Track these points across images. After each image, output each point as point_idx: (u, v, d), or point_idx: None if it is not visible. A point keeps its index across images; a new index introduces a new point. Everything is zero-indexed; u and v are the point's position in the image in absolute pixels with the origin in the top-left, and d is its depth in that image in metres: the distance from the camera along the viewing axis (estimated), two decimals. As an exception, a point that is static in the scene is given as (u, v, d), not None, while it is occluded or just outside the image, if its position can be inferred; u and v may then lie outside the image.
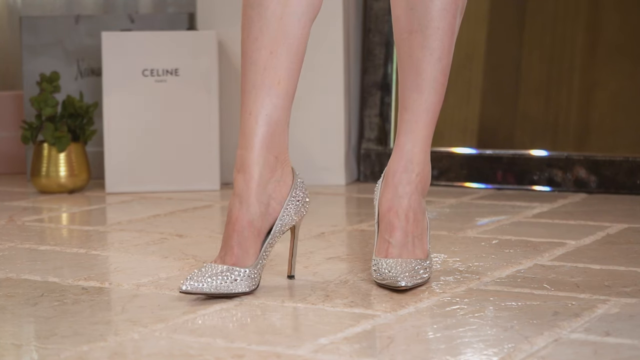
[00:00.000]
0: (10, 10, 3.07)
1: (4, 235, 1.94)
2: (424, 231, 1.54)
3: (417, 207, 1.52)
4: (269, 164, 1.47)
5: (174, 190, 2.50)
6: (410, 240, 1.51)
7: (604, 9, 2.45)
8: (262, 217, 1.46)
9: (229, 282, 1.42)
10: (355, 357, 1.16)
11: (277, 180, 1.48)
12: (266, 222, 1.46)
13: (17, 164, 2.88)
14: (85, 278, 1.58)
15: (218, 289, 1.41)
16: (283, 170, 1.48)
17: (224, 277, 1.42)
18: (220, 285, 1.41)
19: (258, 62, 1.46)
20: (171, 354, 1.18)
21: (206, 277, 1.41)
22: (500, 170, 2.47)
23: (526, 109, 2.49)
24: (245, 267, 1.43)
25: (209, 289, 1.41)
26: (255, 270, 1.44)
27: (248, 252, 1.44)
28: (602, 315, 1.32)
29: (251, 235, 1.44)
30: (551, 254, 1.70)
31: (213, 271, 1.42)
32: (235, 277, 1.42)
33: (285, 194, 1.48)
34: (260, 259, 1.45)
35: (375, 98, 2.63)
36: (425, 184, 1.55)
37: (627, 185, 2.36)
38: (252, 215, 1.45)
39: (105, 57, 2.48)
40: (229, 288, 1.41)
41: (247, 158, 1.46)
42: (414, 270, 1.48)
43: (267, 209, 1.46)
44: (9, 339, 1.26)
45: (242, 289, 1.42)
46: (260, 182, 1.46)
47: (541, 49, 2.48)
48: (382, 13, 2.63)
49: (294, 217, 1.49)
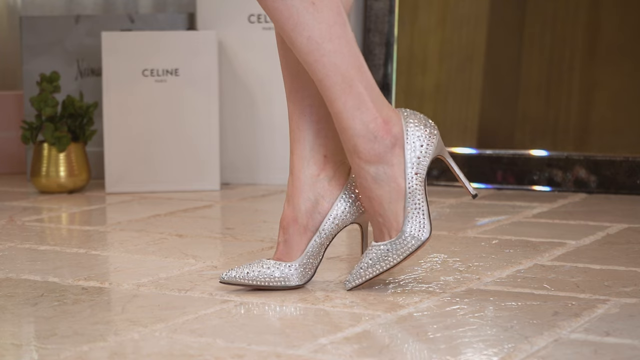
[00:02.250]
0: (10, 10, 3.07)
1: (4, 235, 1.94)
2: (381, 203, 1.43)
3: (367, 184, 1.43)
4: (316, 162, 1.47)
5: (174, 190, 2.50)
6: (380, 220, 1.44)
7: (604, 9, 2.45)
8: (308, 214, 1.47)
9: (264, 276, 1.46)
10: (355, 357, 1.16)
11: (328, 179, 1.47)
12: (313, 220, 1.47)
13: (17, 164, 2.88)
14: (85, 278, 1.58)
15: (255, 281, 1.46)
16: (336, 169, 1.48)
17: (262, 273, 1.46)
18: (257, 277, 1.46)
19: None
20: (171, 354, 1.18)
21: (246, 270, 1.46)
22: (500, 170, 2.47)
23: (526, 109, 2.49)
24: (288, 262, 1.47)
25: (248, 281, 1.46)
26: (298, 266, 1.46)
27: (292, 249, 1.47)
28: (602, 315, 1.32)
29: (296, 232, 1.47)
30: (551, 254, 1.70)
31: (257, 265, 1.47)
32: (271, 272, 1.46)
33: (337, 193, 1.47)
34: (306, 256, 1.46)
35: (375, 98, 2.63)
36: (367, 153, 1.42)
37: (627, 185, 2.36)
38: (296, 212, 1.47)
39: (105, 57, 2.49)
40: (266, 281, 1.46)
41: (292, 159, 1.48)
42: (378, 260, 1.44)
43: (316, 206, 1.47)
44: (9, 339, 1.26)
45: (275, 283, 1.46)
46: (305, 181, 1.47)
47: (541, 49, 2.48)
48: (382, 13, 2.63)
49: (347, 216, 1.48)
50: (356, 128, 1.42)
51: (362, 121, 1.42)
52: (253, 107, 2.59)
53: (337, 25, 1.40)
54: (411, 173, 1.43)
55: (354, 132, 1.42)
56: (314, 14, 1.39)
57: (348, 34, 1.41)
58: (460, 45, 2.57)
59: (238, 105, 2.59)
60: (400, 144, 1.43)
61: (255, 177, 2.60)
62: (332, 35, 1.40)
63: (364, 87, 1.42)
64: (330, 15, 1.40)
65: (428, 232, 1.43)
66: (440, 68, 2.60)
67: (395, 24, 2.63)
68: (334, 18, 1.40)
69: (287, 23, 1.40)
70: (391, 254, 1.43)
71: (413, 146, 1.43)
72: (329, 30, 1.40)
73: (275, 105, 2.58)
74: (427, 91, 2.60)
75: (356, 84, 1.41)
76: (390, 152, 1.43)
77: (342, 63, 1.40)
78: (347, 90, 1.41)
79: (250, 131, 2.59)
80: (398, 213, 1.43)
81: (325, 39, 1.40)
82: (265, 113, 2.58)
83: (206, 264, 1.66)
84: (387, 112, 1.43)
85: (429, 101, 2.60)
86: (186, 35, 2.53)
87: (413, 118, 1.45)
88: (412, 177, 1.43)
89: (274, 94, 2.57)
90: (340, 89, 1.41)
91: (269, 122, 2.58)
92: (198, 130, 2.50)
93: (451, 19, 2.59)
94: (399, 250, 1.43)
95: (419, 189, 1.43)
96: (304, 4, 1.39)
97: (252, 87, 2.58)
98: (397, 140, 1.43)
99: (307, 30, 1.40)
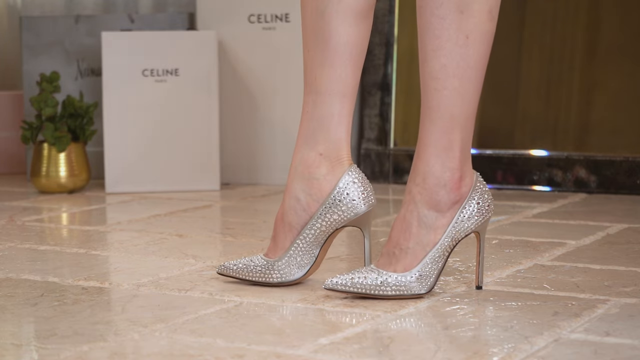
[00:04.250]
0: (10, 10, 3.07)
1: (4, 235, 1.94)
2: (418, 246, 1.41)
3: (411, 219, 1.42)
4: (309, 160, 1.46)
5: (174, 190, 2.50)
6: (397, 251, 1.42)
7: (604, 9, 2.45)
8: (294, 211, 1.46)
9: (249, 269, 1.49)
10: (355, 357, 1.16)
11: (317, 178, 1.46)
12: (298, 218, 1.46)
13: (17, 164, 2.88)
14: (85, 278, 1.58)
15: (239, 274, 1.50)
16: (332, 169, 1.46)
17: (249, 263, 1.49)
18: (242, 269, 1.49)
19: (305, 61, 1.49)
20: (171, 354, 1.18)
21: (239, 262, 1.50)
22: (500, 170, 2.47)
23: (526, 109, 2.49)
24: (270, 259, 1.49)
25: (235, 273, 1.50)
26: (281, 263, 1.47)
27: (277, 245, 1.48)
28: (602, 315, 1.32)
29: (281, 229, 1.48)
30: (551, 254, 1.70)
31: (248, 258, 1.50)
32: (254, 265, 1.49)
33: (326, 193, 1.46)
34: (287, 254, 1.47)
35: (375, 98, 2.63)
36: (430, 194, 1.41)
37: (627, 185, 2.36)
38: (284, 209, 1.48)
39: (105, 57, 2.48)
40: (247, 274, 1.49)
41: (293, 154, 1.49)
42: (374, 286, 1.40)
43: (301, 204, 1.46)
44: (9, 339, 1.26)
45: (254, 278, 1.49)
46: (295, 178, 1.47)
47: (541, 49, 2.48)
48: (382, 13, 2.63)
49: (334, 223, 1.46)
50: (434, 168, 1.41)
51: (443, 165, 1.41)
52: (253, 107, 2.59)
53: (475, 70, 1.40)
54: (451, 233, 1.42)
55: (430, 170, 1.41)
56: (462, 47, 1.38)
57: (480, 82, 1.41)
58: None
59: (238, 105, 2.59)
60: (460, 204, 1.42)
61: (255, 177, 2.60)
62: (466, 76, 1.39)
63: (462, 136, 1.41)
64: (474, 56, 1.39)
65: (425, 290, 1.41)
66: (440, 68, 2.59)
67: (395, 24, 2.63)
68: (477, 61, 1.40)
69: (432, 42, 1.39)
70: (387, 286, 1.40)
71: (467, 212, 1.43)
72: (466, 70, 1.39)
73: (275, 105, 2.58)
74: (427, 91, 2.60)
75: (458, 130, 1.41)
76: (449, 206, 1.42)
77: (458, 105, 1.40)
78: (447, 131, 1.40)
79: (250, 131, 2.59)
80: (418, 257, 1.41)
81: (458, 76, 1.39)
82: (265, 113, 2.58)
83: (206, 264, 1.66)
84: (467, 170, 1.43)
85: (429, 101, 2.60)
86: (186, 35, 2.53)
87: (482, 187, 1.44)
88: (446, 239, 1.42)
89: (274, 94, 2.57)
90: (442, 127, 1.40)
91: (269, 122, 2.58)
92: (198, 130, 2.50)
93: (451, 19, 2.58)
94: (396, 286, 1.40)
95: (446, 250, 1.42)
96: (457, 34, 1.38)
97: (252, 87, 2.58)
98: (461, 199, 1.42)
99: (445, 58, 1.39)
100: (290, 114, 2.56)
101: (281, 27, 2.55)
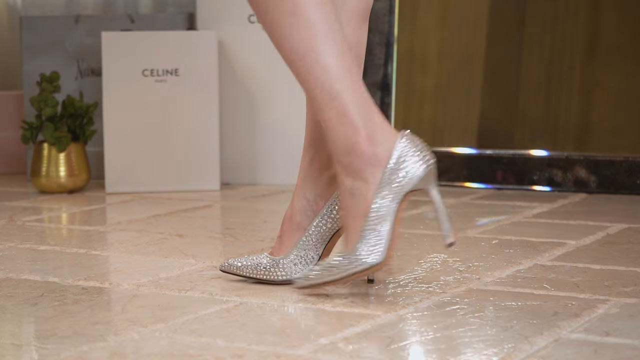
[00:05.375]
0: (10, 10, 3.07)
1: (4, 235, 1.94)
2: (355, 220, 1.37)
3: (344, 196, 1.39)
4: (319, 162, 1.48)
5: (174, 190, 2.50)
6: (345, 231, 1.40)
7: (604, 9, 2.45)
8: (303, 212, 1.48)
9: (253, 267, 1.49)
10: (355, 357, 1.16)
11: (329, 180, 1.48)
12: (307, 218, 1.48)
13: (17, 164, 2.88)
14: (85, 278, 1.58)
15: (242, 272, 1.50)
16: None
17: (253, 261, 1.50)
18: (246, 266, 1.50)
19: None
20: (171, 354, 1.18)
21: (242, 260, 1.51)
22: (500, 170, 2.47)
23: (526, 109, 2.49)
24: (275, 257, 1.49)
25: (240, 271, 1.50)
26: (286, 261, 1.48)
27: (283, 244, 1.49)
28: (602, 315, 1.32)
29: (288, 228, 1.49)
30: (551, 254, 1.70)
31: (252, 256, 1.51)
32: (258, 263, 1.50)
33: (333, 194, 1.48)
34: (293, 252, 1.47)
35: (375, 98, 2.63)
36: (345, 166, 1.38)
37: (627, 185, 2.36)
38: (293, 209, 1.49)
39: (105, 57, 2.48)
40: (251, 272, 1.49)
41: (302, 155, 1.49)
42: (326, 269, 1.40)
43: (311, 205, 1.48)
44: (9, 339, 1.26)
45: (259, 275, 1.49)
46: (305, 179, 1.48)
47: (541, 49, 2.48)
48: (382, 13, 2.63)
49: (336, 221, 1.47)
50: (337, 140, 1.37)
51: (344, 134, 1.37)
52: (253, 107, 2.59)
53: (320, 37, 1.37)
54: (382, 196, 1.37)
55: (335, 143, 1.38)
56: (294, 25, 1.36)
57: (335, 45, 1.37)
58: (460, 45, 2.57)
59: (238, 105, 2.59)
60: (382, 165, 1.37)
61: (255, 177, 2.60)
62: (314, 47, 1.36)
63: (350, 100, 1.37)
64: (312, 26, 1.36)
65: (377, 258, 1.36)
66: (440, 68, 2.60)
67: (395, 24, 2.63)
68: (318, 29, 1.36)
69: (272, 34, 1.39)
70: (336, 268, 1.38)
71: (396, 171, 1.37)
72: (309, 41, 1.36)
73: (275, 105, 2.58)
74: (427, 91, 2.60)
75: (341, 97, 1.37)
76: (368, 170, 1.37)
77: (325, 76, 1.37)
78: (330, 103, 1.37)
79: (250, 131, 2.59)
80: (357, 231, 1.37)
81: (308, 50, 1.37)
82: (265, 113, 2.58)
83: (206, 264, 1.66)
84: (374, 129, 1.37)
85: (429, 101, 2.60)
86: (186, 35, 2.53)
87: (408, 143, 1.38)
88: (382, 201, 1.37)
89: (274, 94, 2.57)
90: (324, 101, 1.37)
91: (269, 122, 2.58)
92: (198, 130, 2.50)
93: (451, 19, 2.59)
94: (343, 267, 1.38)
95: (389, 215, 1.37)
96: (284, 16, 1.37)
97: (252, 87, 2.58)
98: (380, 161, 1.36)
99: (288, 41, 1.37)
100: (290, 114, 2.56)
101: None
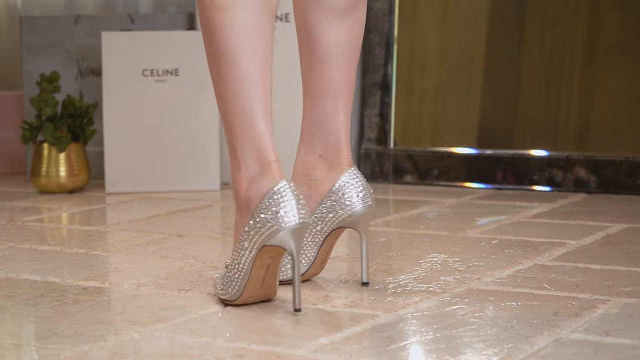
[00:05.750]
0: (10, 10, 3.07)
1: (4, 235, 1.94)
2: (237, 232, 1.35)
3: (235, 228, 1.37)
4: (308, 162, 1.47)
5: (174, 190, 2.50)
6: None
7: (604, 9, 2.45)
8: None
9: None
10: (355, 357, 1.16)
11: (316, 180, 1.46)
12: None
13: (17, 164, 2.88)
14: (85, 278, 1.58)
15: None
16: (330, 170, 1.46)
17: None
18: None
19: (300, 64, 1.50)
20: (171, 354, 1.18)
21: None
22: (500, 170, 2.47)
23: (526, 109, 2.49)
24: None
25: None
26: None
27: None
28: (602, 315, 1.32)
29: None
30: (551, 254, 1.70)
31: None
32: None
33: (324, 194, 1.46)
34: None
35: (375, 98, 2.63)
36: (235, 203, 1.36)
37: (627, 185, 2.36)
38: None
39: (105, 57, 2.48)
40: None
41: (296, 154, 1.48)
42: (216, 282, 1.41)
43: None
44: (9, 339, 1.26)
45: None
46: (295, 179, 1.47)
47: (541, 49, 2.48)
48: (382, 13, 2.63)
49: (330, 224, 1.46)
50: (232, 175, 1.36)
51: (233, 172, 1.35)
52: (253, 107, 2.58)
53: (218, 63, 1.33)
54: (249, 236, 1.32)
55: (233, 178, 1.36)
56: (207, 46, 1.34)
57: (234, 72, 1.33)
58: (460, 45, 2.57)
59: (238, 105, 2.59)
60: (250, 209, 1.32)
61: (255, 177, 2.60)
62: (217, 73, 1.34)
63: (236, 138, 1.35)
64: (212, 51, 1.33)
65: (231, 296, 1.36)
66: (440, 68, 2.60)
67: (395, 24, 2.63)
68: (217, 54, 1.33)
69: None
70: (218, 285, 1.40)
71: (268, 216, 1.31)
72: (212, 66, 1.34)
73: (274, 106, 2.57)
74: (427, 91, 2.60)
75: (230, 133, 1.35)
76: (243, 212, 1.33)
77: (222, 105, 1.35)
78: (230, 141, 1.36)
79: (250, 131, 2.59)
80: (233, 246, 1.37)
81: (214, 77, 1.35)
82: (265, 113, 2.58)
83: (206, 264, 1.66)
84: (254, 174, 1.33)
85: (429, 101, 2.60)
86: (186, 35, 2.53)
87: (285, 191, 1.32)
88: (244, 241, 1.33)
89: (273, 94, 2.57)
90: (227, 138, 1.36)
91: (269, 122, 2.58)
92: (198, 130, 2.50)
93: (451, 19, 2.59)
94: (218, 289, 1.40)
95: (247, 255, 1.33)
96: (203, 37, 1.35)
97: (252, 87, 2.58)
98: (249, 204, 1.33)
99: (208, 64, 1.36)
100: (290, 114, 2.55)
101: (281, 27, 2.54)
